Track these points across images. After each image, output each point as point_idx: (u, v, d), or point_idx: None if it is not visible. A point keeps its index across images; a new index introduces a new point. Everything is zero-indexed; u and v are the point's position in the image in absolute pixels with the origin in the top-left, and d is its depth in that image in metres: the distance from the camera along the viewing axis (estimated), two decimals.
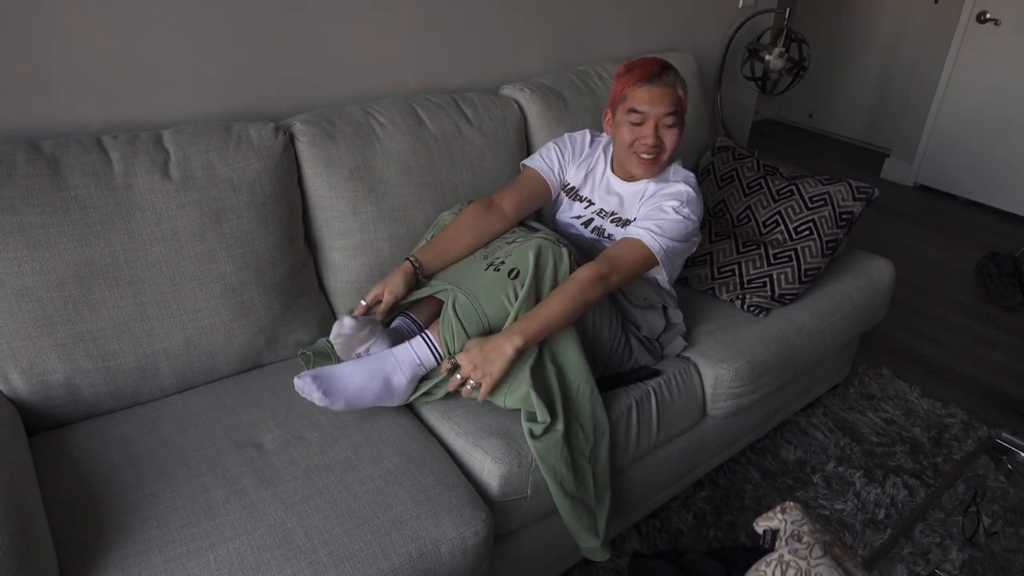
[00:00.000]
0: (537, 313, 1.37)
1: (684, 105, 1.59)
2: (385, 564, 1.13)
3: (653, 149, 1.58)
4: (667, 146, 1.60)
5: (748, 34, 2.85)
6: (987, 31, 3.79)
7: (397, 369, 1.38)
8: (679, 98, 1.57)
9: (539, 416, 1.35)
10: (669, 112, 1.56)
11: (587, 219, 1.74)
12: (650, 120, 1.56)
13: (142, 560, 1.07)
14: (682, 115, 1.59)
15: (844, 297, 2.01)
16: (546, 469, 1.36)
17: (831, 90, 5.09)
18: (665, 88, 1.55)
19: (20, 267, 1.27)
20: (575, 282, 1.41)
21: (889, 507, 1.92)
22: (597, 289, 1.43)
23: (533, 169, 1.74)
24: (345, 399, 1.33)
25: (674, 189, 1.61)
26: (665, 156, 1.61)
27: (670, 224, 1.55)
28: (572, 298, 1.39)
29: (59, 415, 1.35)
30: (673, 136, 1.59)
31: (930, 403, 2.34)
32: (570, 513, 1.41)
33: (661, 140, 1.58)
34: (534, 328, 1.35)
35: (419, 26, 1.89)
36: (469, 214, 1.61)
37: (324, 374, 1.34)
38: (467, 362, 1.34)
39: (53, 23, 1.38)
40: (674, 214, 1.56)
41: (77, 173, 1.33)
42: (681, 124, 1.59)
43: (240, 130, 1.51)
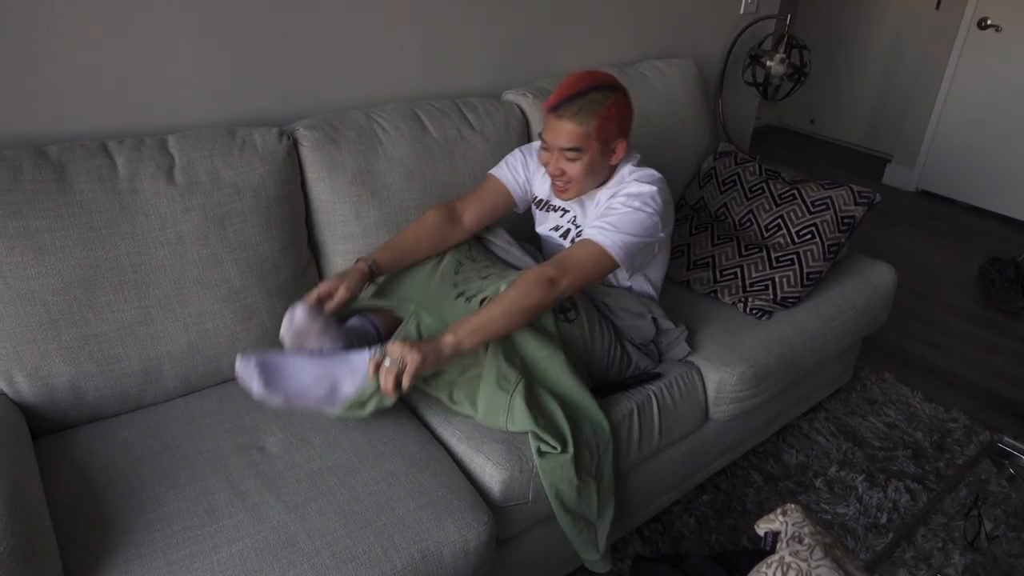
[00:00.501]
0: (471, 316, 1.33)
1: (593, 138, 1.46)
2: (387, 566, 1.13)
3: (558, 177, 1.52)
4: (572, 176, 1.50)
5: (749, 40, 2.86)
6: (988, 37, 3.80)
7: (348, 377, 1.32)
8: (581, 133, 1.44)
9: (549, 445, 1.34)
10: (566, 148, 1.46)
11: (564, 230, 1.68)
12: (553, 150, 1.50)
13: (146, 562, 1.08)
14: (594, 145, 1.47)
15: (846, 301, 2.02)
16: (548, 485, 1.35)
17: (833, 96, 5.10)
18: (561, 122, 1.45)
19: (26, 271, 1.27)
20: (518, 283, 1.35)
21: (891, 511, 1.91)
22: (541, 292, 1.35)
23: (497, 180, 1.67)
24: (285, 395, 1.27)
25: (627, 190, 1.52)
26: (575, 186, 1.53)
27: (621, 218, 1.47)
28: (510, 300, 1.33)
29: (63, 418, 1.36)
30: (577, 168, 1.49)
31: (932, 408, 2.34)
32: (570, 527, 1.40)
33: (564, 170, 1.50)
34: (466, 327, 1.30)
35: (421, 31, 1.90)
36: (429, 221, 1.58)
37: (271, 363, 1.27)
38: (397, 348, 1.25)
39: (58, 30, 1.39)
40: (623, 208, 1.48)
41: (83, 178, 1.34)
42: (587, 157, 1.48)
43: (244, 135, 1.52)
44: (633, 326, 1.63)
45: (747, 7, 2.77)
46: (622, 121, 1.50)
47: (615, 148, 1.51)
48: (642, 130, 2.18)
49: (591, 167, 1.50)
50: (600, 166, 1.52)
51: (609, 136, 1.48)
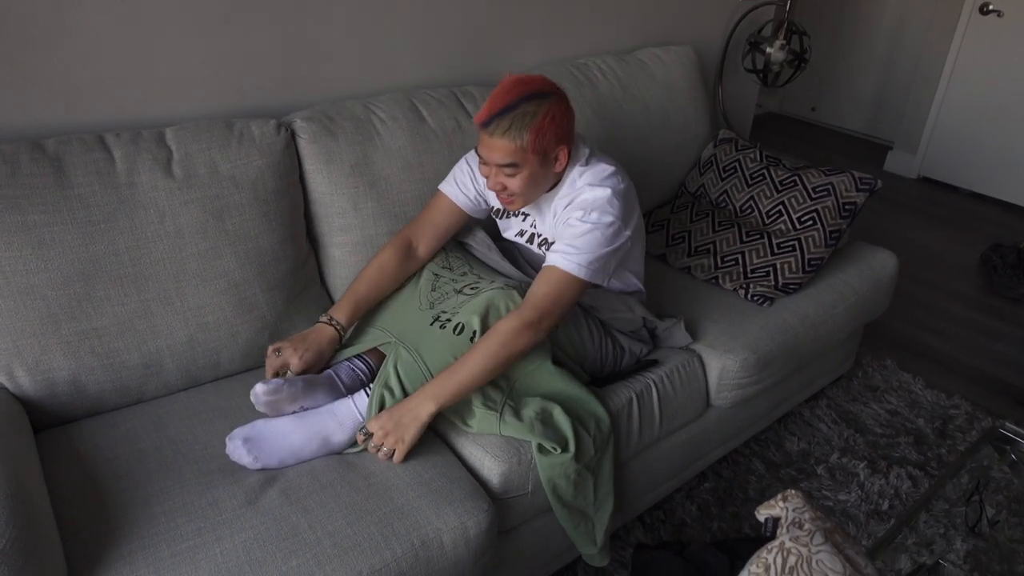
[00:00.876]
0: (453, 374, 1.30)
1: (529, 151, 1.37)
2: (388, 553, 1.14)
3: (500, 193, 1.45)
4: (513, 190, 1.43)
5: (749, 26, 2.85)
6: (990, 22, 3.78)
7: (337, 429, 1.31)
8: (514, 148, 1.36)
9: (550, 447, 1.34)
10: (501, 164, 1.39)
11: (529, 234, 1.63)
12: (491, 166, 1.42)
13: (149, 554, 1.08)
14: (532, 158, 1.39)
15: (847, 288, 2.01)
16: (545, 480, 1.35)
17: (834, 83, 5.08)
18: (492, 139, 1.37)
19: (25, 265, 1.28)
20: (496, 335, 1.31)
21: (893, 498, 1.92)
22: (525, 338, 1.33)
23: (447, 199, 1.59)
24: (280, 459, 1.27)
25: (580, 199, 1.45)
26: (520, 198, 1.46)
27: (581, 239, 1.40)
28: (492, 353, 1.30)
29: (65, 412, 1.36)
30: (516, 182, 1.41)
31: (934, 394, 2.34)
32: (567, 521, 1.41)
33: (504, 185, 1.43)
34: (449, 390, 1.29)
35: (418, 20, 1.89)
36: (385, 262, 1.52)
37: (257, 435, 1.27)
38: (378, 428, 1.27)
39: (55, 23, 1.39)
40: (581, 225, 1.41)
41: (80, 172, 1.34)
42: (527, 170, 1.40)
43: (242, 127, 1.52)
44: (618, 318, 1.62)
45: None
46: (559, 129, 1.40)
47: (556, 156, 1.43)
48: (641, 118, 2.17)
49: (532, 179, 1.42)
50: (542, 176, 1.44)
51: (547, 147, 1.39)
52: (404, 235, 1.57)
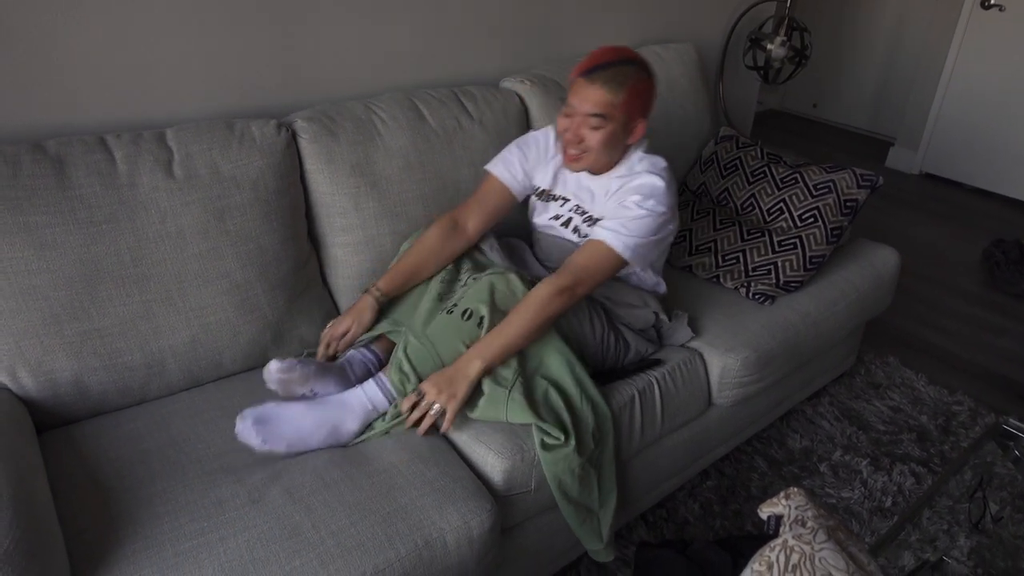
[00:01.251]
0: (497, 334, 1.35)
1: (619, 109, 1.46)
2: (392, 553, 1.14)
3: (573, 144, 1.51)
4: (590, 145, 1.50)
5: (750, 23, 2.84)
6: (992, 17, 3.77)
7: (348, 417, 1.34)
8: (610, 101, 1.44)
9: (551, 437, 1.35)
10: (591, 113, 1.46)
11: (565, 219, 1.66)
12: (576, 116, 1.48)
13: (153, 554, 1.08)
14: (619, 117, 1.47)
15: (849, 285, 2.01)
16: (551, 476, 1.36)
17: (835, 79, 5.07)
18: (592, 87, 1.44)
19: (27, 266, 1.28)
20: (535, 299, 1.38)
21: (896, 495, 1.91)
22: (560, 302, 1.40)
23: (496, 180, 1.65)
24: (287, 444, 1.28)
25: (638, 182, 1.52)
26: (591, 156, 1.52)
27: (635, 222, 1.47)
28: (532, 316, 1.37)
29: (67, 412, 1.37)
30: (596, 137, 1.48)
31: (937, 391, 2.34)
32: (573, 517, 1.42)
33: (582, 138, 1.50)
34: (494, 350, 1.34)
35: (418, 20, 1.89)
36: (433, 239, 1.56)
37: (266, 417, 1.28)
38: (431, 387, 1.32)
39: (55, 24, 1.39)
40: (637, 209, 1.48)
41: (82, 172, 1.34)
42: (610, 127, 1.48)
43: (242, 128, 1.52)
44: (631, 313, 1.63)
45: None
46: (647, 102, 1.51)
47: (634, 127, 1.52)
48: None
49: (610, 139, 1.50)
50: (617, 141, 1.52)
51: (633, 112, 1.48)
52: (450, 215, 1.62)
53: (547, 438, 1.35)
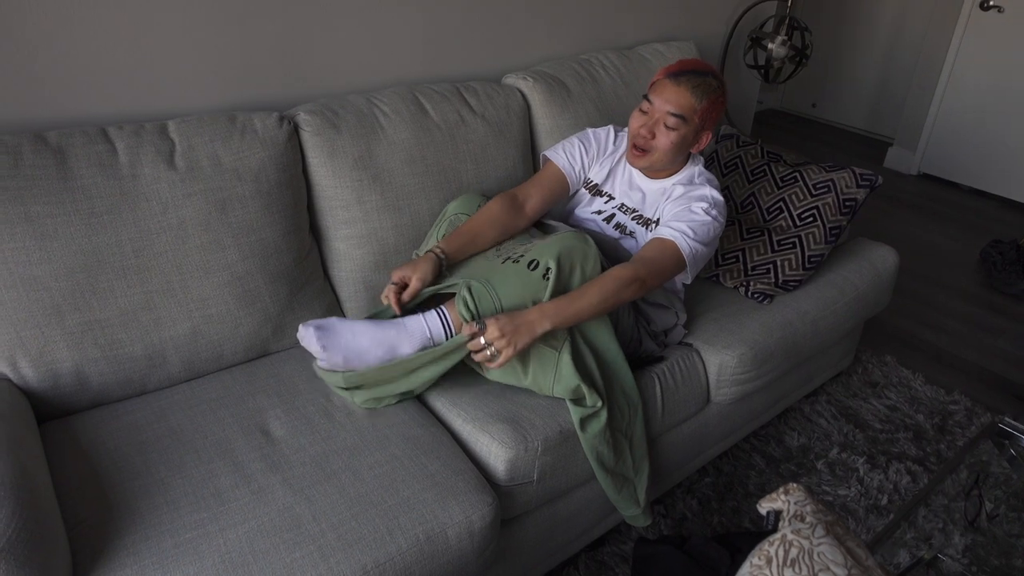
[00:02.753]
0: (571, 301, 1.36)
1: (698, 115, 1.55)
2: (393, 547, 1.14)
3: (643, 141, 1.57)
4: (658, 144, 1.57)
5: (750, 22, 2.84)
6: (990, 18, 3.78)
7: (405, 341, 1.37)
8: (692, 105, 1.54)
9: (589, 402, 1.37)
10: (672, 112, 1.53)
11: (608, 214, 1.72)
12: (654, 113, 1.55)
13: (153, 545, 1.08)
14: (695, 123, 1.55)
15: (847, 284, 2.02)
16: (589, 451, 1.40)
17: (834, 79, 5.08)
18: (680, 88, 1.53)
19: (28, 256, 1.28)
20: (613, 279, 1.40)
21: (892, 493, 1.92)
22: (633, 289, 1.43)
23: (556, 167, 1.72)
24: (344, 356, 1.34)
25: (701, 192, 1.61)
26: (656, 155, 1.58)
27: (701, 227, 1.54)
28: (607, 294, 1.39)
29: (68, 403, 1.37)
30: (668, 138, 1.55)
31: (933, 390, 2.35)
32: (611, 486, 1.47)
33: (654, 135, 1.56)
34: (565, 316, 1.35)
35: (422, 15, 1.89)
36: (495, 209, 1.58)
37: (329, 327, 1.34)
38: (496, 328, 1.29)
39: (58, 15, 1.39)
40: (704, 215, 1.55)
41: (83, 163, 1.34)
42: (684, 131, 1.55)
43: (245, 120, 1.52)
44: (657, 315, 1.67)
45: None
46: (719, 116, 1.59)
47: (702, 137, 1.59)
48: None
49: (680, 143, 1.56)
50: (685, 146, 1.59)
51: (707, 121, 1.55)
52: (510, 192, 1.65)
53: (584, 410, 1.37)
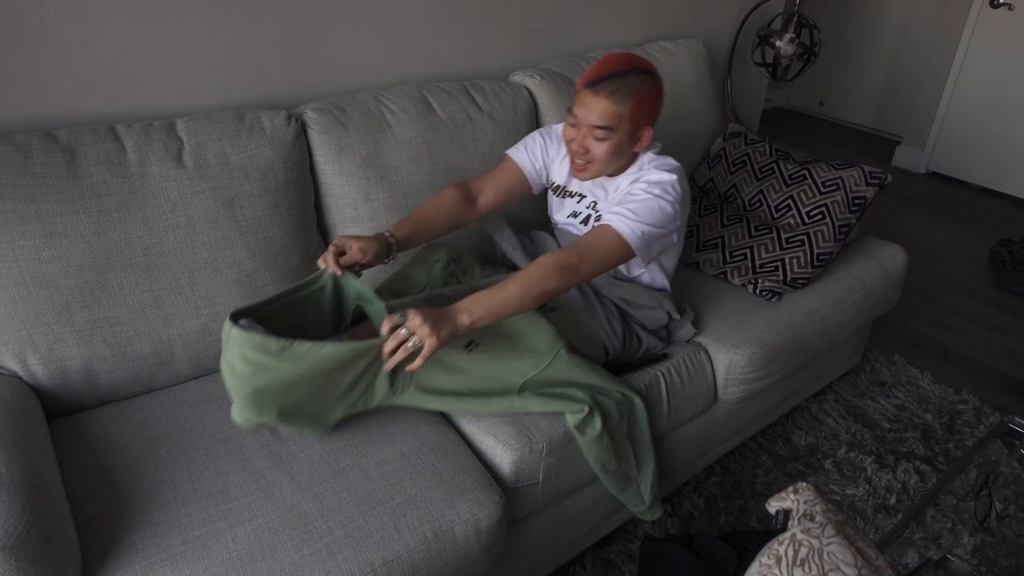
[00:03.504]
0: (491, 293, 1.28)
1: (626, 119, 1.43)
2: (400, 545, 1.14)
3: (580, 155, 1.49)
4: (594, 155, 1.47)
5: (758, 20, 2.83)
6: (1000, 16, 3.75)
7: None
8: (615, 112, 1.42)
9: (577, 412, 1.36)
10: (597, 125, 1.43)
11: (584, 215, 1.65)
12: (582, 127, 1.46)
13: (162, 542, 1.09)
14: (625, 127, 1.44)
15: (856, 283, 2.01)
16: (591, 458, 1.40)
17: (842, 77, 5.06)
18: (598, 98, 1.41)
19: (38, 254, 1.28)
20: (537, 266, 1.33)
21: (900, 493, 1.92)
22: (559, 277, 1.33)
23: (514, 163, 1.65)
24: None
25: (647, 178, 1.50)
26: (596, 166, 1.50)
27: (641, 205, 1.44)
28: (530, 284, 1.31)
29: (77, 400, 1.37)
30: (601, 148, 1.46)
31: (942, 389, 2.34)
32: (614, 487, 1.47)
33: (588, 148, 1.47)
34: (484, 308, 1.27)
35: (429, 13, 1.89)
36: (447, 199, 1.54)
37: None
38: (417, 315, 1.19)
39: (67, 15, 1.39)
40: (644, 195, 1.45)
41: (92, 161, 1.34)
42: (615, 138, 1.45)
43: (253, 118, 1.52)
44: (645, 315, 1.65)
45: None
46: (654, 109, 1.48)
47: (641, 135, 1.49)
48: None
49: (616, 149, 1.47)
50: (624, 150, 1.50)
51: (640, 121, 1.46)
52: (466, 183, 1.60)
53: (574, 416, 1.37)
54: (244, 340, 1.17)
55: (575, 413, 1.37)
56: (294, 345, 1.18)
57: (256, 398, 1.18)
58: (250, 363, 1.17)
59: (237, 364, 1.18)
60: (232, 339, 1.18)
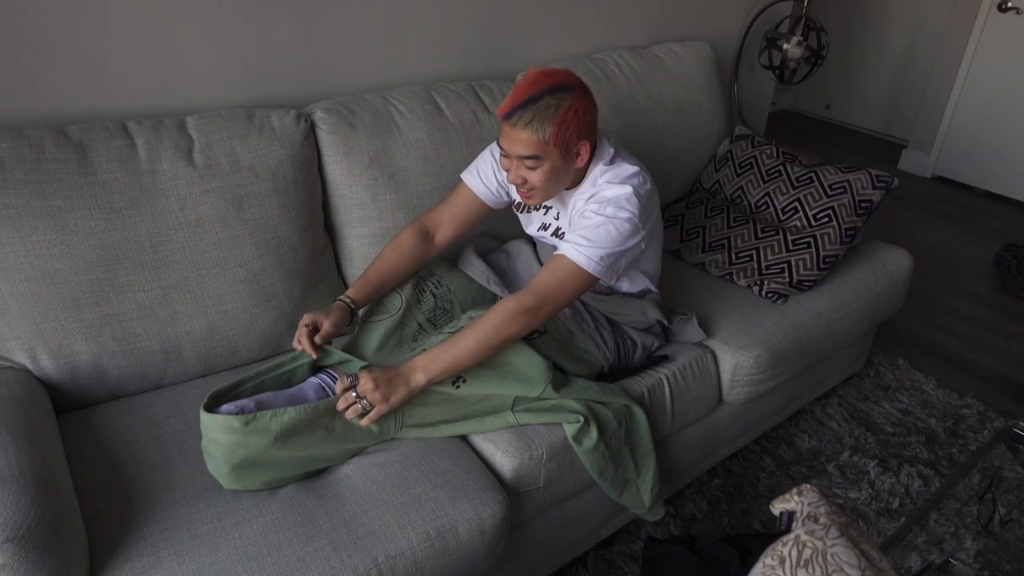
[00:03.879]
0: (446, 349, 1.28)
1: (552, 143, 1.34)
2: (404, 542, 1.15)
3: (521, 185, 1.42)
4: (533, 184, 1.40)
5: (766, 22, 2.84)
6: (1008, 20, 3.75)
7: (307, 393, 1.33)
8: (537, 140, 1.33)
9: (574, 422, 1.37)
10: (523, 156, 1.36)
11: (554, 227, 1.60)
12: (512, 158, 1.39)
13: (170, 536, 1.10)
14: (554, 151, 1.36)
15: (861, 286, 2.01)
16: (589, 466, 1.41)
17: (848, 80, 5.05)
18: (515, 130, 1.34)
19: (49, 250, 1.29)
20: (493, 316, 1.30)
21: (904, 496, 1.92)
22: (520, 323, 1.31)
23: (468, 189, 1.58)
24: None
25: (601, 195, 1.43)
26: (540, 192, 1.43)
27: (595, 231, 1.37)
28: (489, 334, 1.29)
29: (85, 396, 1.38)
30: (537, 176, 1.38)
31: (946, 394, 2.33)
32: (613, 492, 1.47)
33: (525, 179, 1.40)
34: (441, 365, 1.27)
35: (437, 14, 1.90)
36: (404, 245, 1.52)
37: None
38: (369, 380, 1.23)
39: (78, 12, 1.40)
40: (596, 216, 1.39)
41: (103, 158, 1.35)
42: (547, 164, 1.37)
43: (262, 117, 1.53)
44: (633, 320, 1.64)
45: None
46: (582, 123, 1.37)
47: (578, 151, 1.41)
48: (657, 113, 2.17)
49: (553, 174, 1.39)
50: (563, 171, 1.42)
51: (569, 141, 1.37)
52: (420, 221, 1.57)
53: (570, 427, 1.37)
54: (210, 423, 1.18)
55: (571, 424, 1.37)
56: (256, 417, 1.19)
57: (235, 475, 1.19)
58: (220, 444, 1.18)
59: (210, 447, 1.20)
60: (202, 423, 1.20)
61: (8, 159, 1.27)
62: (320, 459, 1.27)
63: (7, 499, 0.97)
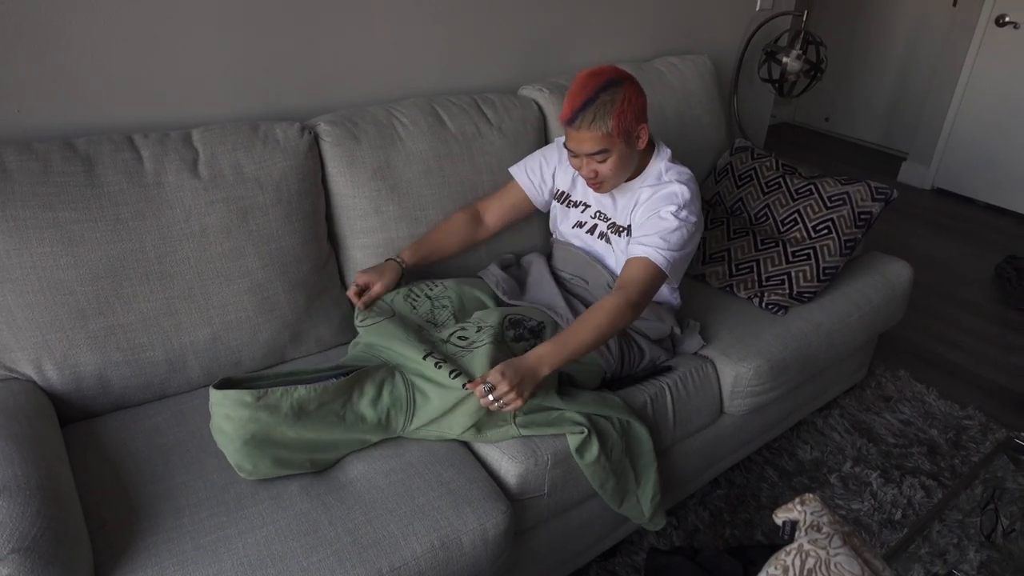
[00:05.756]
0: (566, 342, 1.36)
1: (615, 135, 1.46)
2: (408, 552, 1.15)
3: (592, 178, 1.55)
4: (605, 174, 1.53)
5: (765, 36, 2.86)
6: (1006, 34, 3.78)
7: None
8: (601, 136, 1.46)
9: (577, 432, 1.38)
10: (592, 152, 1.48)
11: (590, 225, 1.71)
12: (580, 156, 1.52)
13: (174, 546, 1.10)
14: (619, 141, 1.47)
15: (862, 297, 2.02)
16: (591, 476, 1.41)
17: (847, 93, 5.08)
18: (580, 132, 1.46)
19: (56, 261, 1.30)
20: (604, 312, 1.40)
21: (906, 507, 1.92)
22: (628, 317, 1.42)
23: (516, 184, 1.76)
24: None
25: (668, 191, 1.56)
26: (611, 181, 1.56)
27: (673, 234, 1.51)
28: (602, 327, 1.39)
29: (90, 406, 1.39)
30: (608, 166, 1.51)
31: (947, 405, 2.34)
32: (614, 502, 1.48)
33: (596, 171, 1.53)
34: (561, 358, 1.35)
35: (440, 27, 1.92)
36: (457, 222, 1.70)
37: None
38: (505, 383, 1.27)
39: (84, 25, 1.42)
40: (674, 220, 1.51)
41: (110, 171, 1.37)
42: (615, 154, 1.49)
43: (267, 129, 1.54)
44: (647, 326, 1.66)
45: (763, 3, 2.77)
46: (636, 109, 1.50)
47: (638, 135, 1.53)
48: (658, 126, 2.18)
49: (622, 161, 1.52)
50: (629, 157, 1.54)
51: (629, 128, 1.49)
52: (473, 206, 1.75)
53: (574, 438, 1.38)
54: (222, 399, 1.22)
55: (575, 435, 1.38)
56: (267, 393, 1.23)
57: (246, 451, 1.21)
58: (232, 419, 1.21)
59: (221, 423, 1.23)
60: (213, 401, 1.24)
61: (16, 172, 1.29)
62: (329, 445, 1.29)
63: (13, 510, 0.97)
